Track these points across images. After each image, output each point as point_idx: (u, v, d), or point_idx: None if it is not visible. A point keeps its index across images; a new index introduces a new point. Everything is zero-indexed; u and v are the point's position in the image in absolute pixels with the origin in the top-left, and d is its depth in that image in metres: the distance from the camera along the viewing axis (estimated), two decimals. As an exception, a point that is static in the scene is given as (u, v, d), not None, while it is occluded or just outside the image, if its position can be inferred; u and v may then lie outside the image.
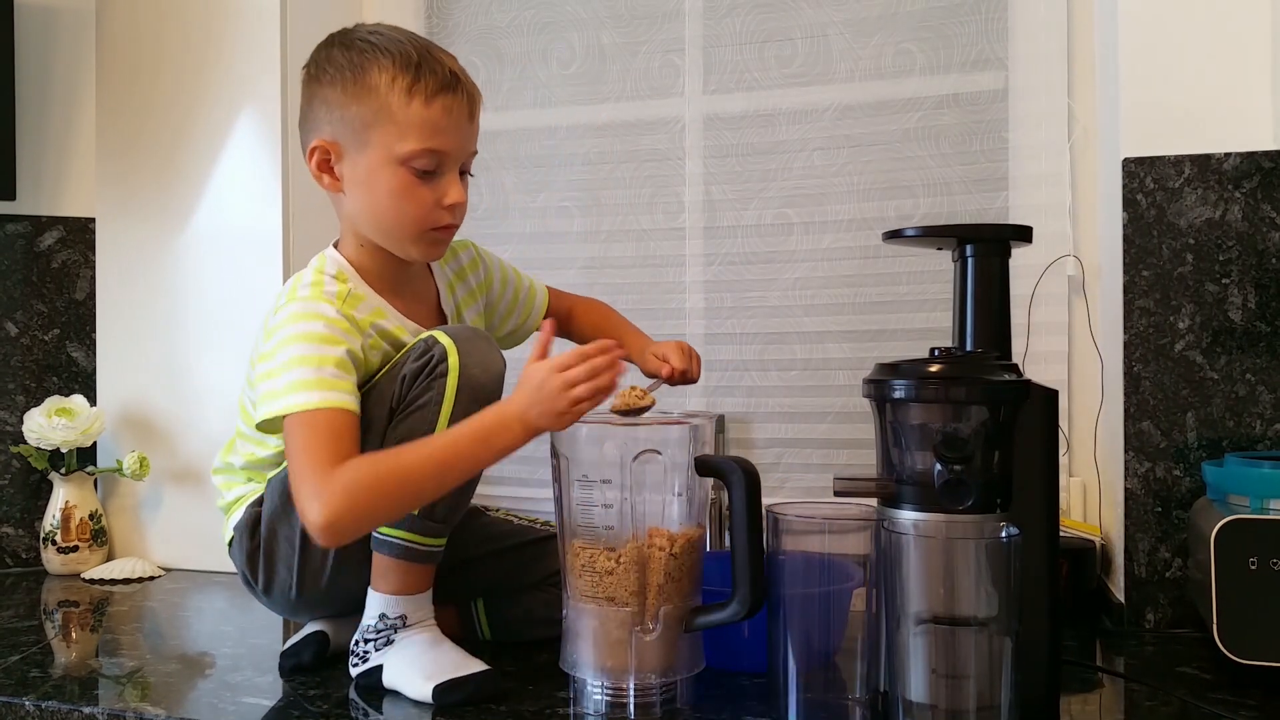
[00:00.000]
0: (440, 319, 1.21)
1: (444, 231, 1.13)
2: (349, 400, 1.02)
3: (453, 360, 1.04)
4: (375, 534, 1.06)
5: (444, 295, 1.23)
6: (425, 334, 1.08)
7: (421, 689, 1.02)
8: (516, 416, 0.96)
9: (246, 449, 1.19)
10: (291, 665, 1.15)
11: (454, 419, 1.02)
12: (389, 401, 1.06)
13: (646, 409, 1.03)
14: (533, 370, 0.97)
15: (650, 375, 1.22)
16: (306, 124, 1.14)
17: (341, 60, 1.10)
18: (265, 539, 1.15)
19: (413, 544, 1.05)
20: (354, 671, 1.09)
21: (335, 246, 1.16)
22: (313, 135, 1.12)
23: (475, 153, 1.14)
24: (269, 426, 1.06)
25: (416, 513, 1.04)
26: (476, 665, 1.04)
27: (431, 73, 1.08)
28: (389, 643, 1.07)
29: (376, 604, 1.07)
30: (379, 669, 1.07)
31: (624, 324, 1.34)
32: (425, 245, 1.13)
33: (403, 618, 1.07)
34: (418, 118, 1.07)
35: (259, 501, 1.17)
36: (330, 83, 1.10)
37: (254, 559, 1.16)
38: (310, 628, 1.19)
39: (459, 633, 1.19)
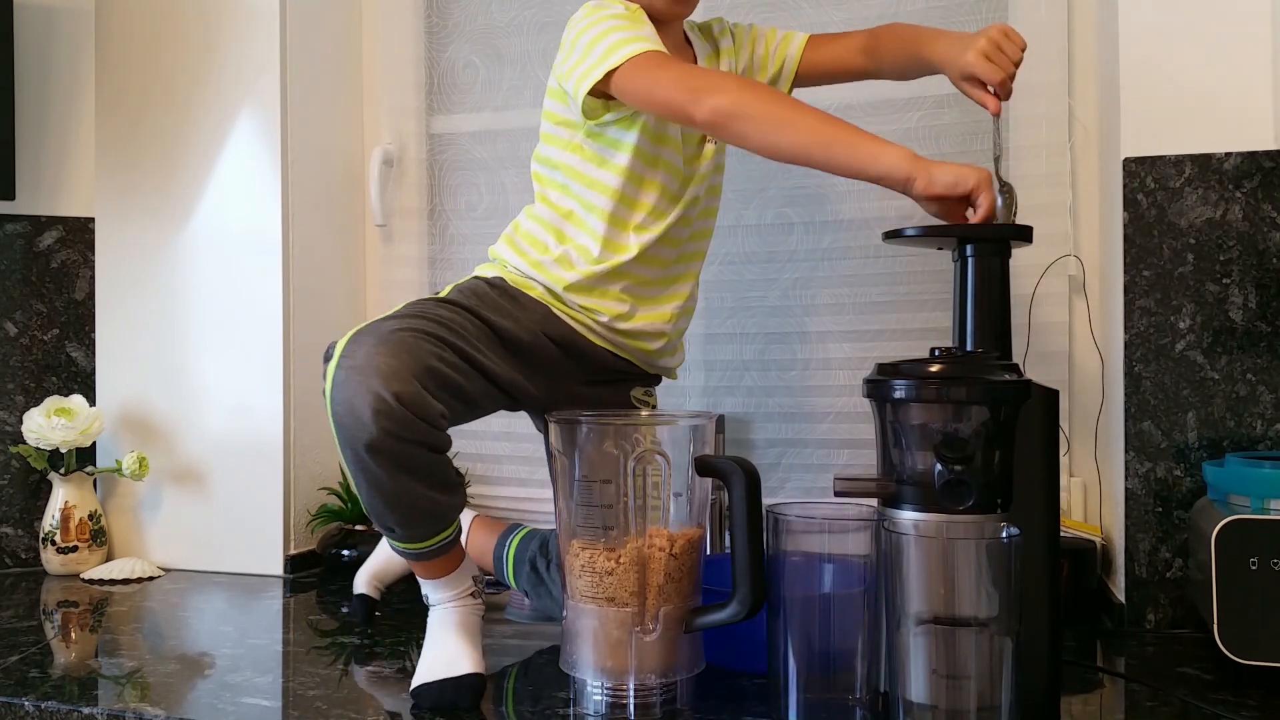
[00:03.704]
0: None
1: None
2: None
3: (327, 384, 1.01)
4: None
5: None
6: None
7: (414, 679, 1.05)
8: (910, 152, 1.03)
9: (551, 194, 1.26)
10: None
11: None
12: None
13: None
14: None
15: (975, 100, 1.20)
16: None
17: None
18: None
19: (395, 548, 1.09)
20: None
21: None
22: None
23: None
24: (594, 106, 1.16)
25: (390, 531, 1.06)
26: (464, 666, 1.04)
27: None
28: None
29: None
30: None
31: (922, 34, 1.28)
32: None
33: (426, 596, 1.11)
34: None
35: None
36: None
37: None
38: (360, 588, 1.33)
39: (487, 559, 1.29)
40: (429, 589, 1.10)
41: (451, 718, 0.99)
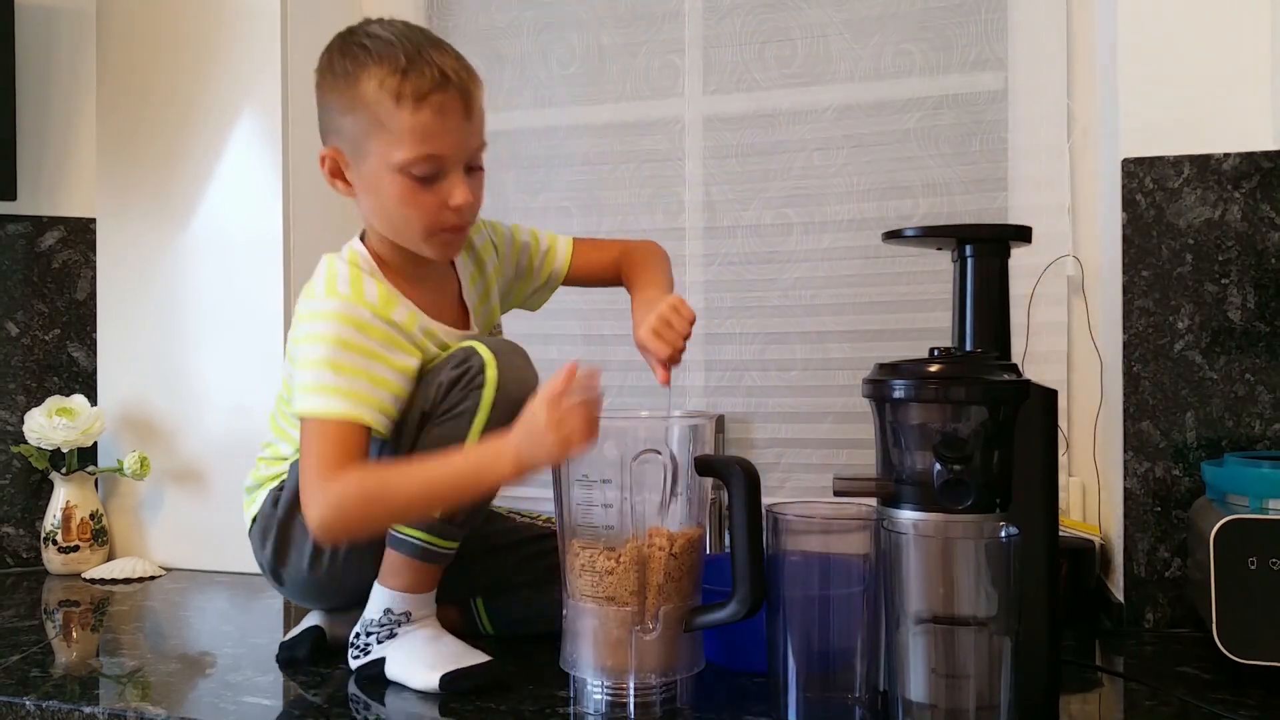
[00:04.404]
0: (462, 311, 1.21)
1: (454, 233, 1.11)
2: (367, 414, 1.03)
3: (490, 374, 1.05)
4: (392, 532, 1.07)
5: (466, 288, 1.22)
6: (464, 343, 1.09)
7: (427, 679, 1.04)
8: (511, 451, 0.96)
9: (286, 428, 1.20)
10: (287, 658, 1.16)
11: (487, 431, 1.04)
12: (421, 405, 1.08)
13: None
14: (531, 406, 0.95)
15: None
16: (320, 129, 1.14)
17: (337, 67, 1.09)
18: (282, 521, 1.16)
19: (429, 545, 1.07)
20: (354, 664, 1.10)
21: (361, 239, 1.17)
22: (323, 142, 1.13)
23: (483, 145, 1.11)
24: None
25: (438, 515, 1.05)
26: (479, 656, 1.06)
27: (420, 74, 1.04)
28: (392, 636, 1.08)
29: (382, 599, 1.09)
30: (381, 661, 1.08)
31: (637, 281, 1.25)
32: (438, 246, 1.12)
33: (407, 614, 1.08)
34: (408, 124, 1.04)
35: (283, 486, 1.18)
36: (329, 89, 1.10)
37: (269, 539, 1.17)
38: (307, 622, 1.20)
39: (460, 628, 1.20)
40: (413, 604, 1.08)
41: (455, 716, 0.99)
